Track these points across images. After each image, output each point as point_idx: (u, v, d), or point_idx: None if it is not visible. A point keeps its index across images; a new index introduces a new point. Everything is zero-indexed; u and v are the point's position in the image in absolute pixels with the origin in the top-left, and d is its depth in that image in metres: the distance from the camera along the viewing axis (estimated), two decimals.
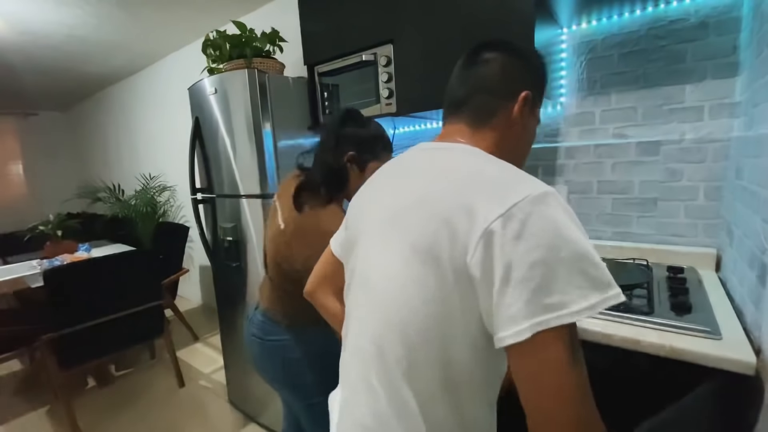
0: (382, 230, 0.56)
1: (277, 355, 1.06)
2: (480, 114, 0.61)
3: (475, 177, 0.50)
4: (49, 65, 3.31)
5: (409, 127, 1.86)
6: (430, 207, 0.49)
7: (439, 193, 0.50)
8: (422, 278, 0.48)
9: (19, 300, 2.10)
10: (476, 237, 0.43)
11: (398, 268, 0.51)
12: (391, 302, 0.51)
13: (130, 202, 3.66)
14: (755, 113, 0.93)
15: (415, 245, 0.49)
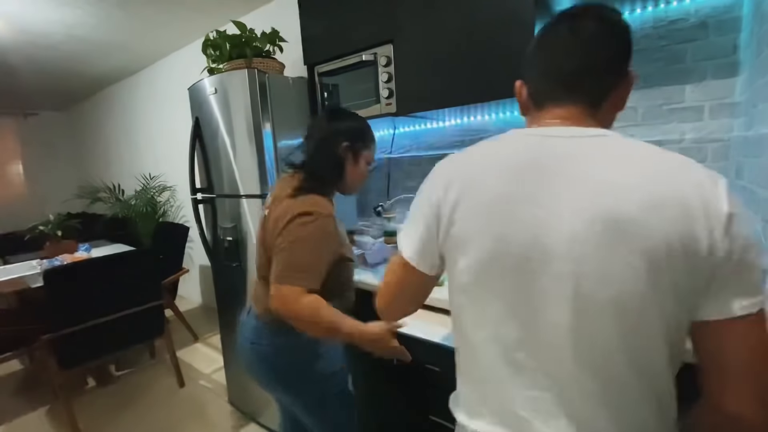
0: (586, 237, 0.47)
1: (271, 359, 1.04)
2: (594, 95, 0.55)
3: (671, 164, 0.47)
4: (49, 65, 3.31)
5: (409, 127, 1.86)
6: (644, 205, 0.45)
7: (651, 186, 0.46)
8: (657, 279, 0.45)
9: (19, 300, 2.10)
10: (718, 224, 0.44)
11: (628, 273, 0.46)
12: (620, 312, 0.47)
13: (130, 202, 3.66)
14: (755, 113, 0.93)
15: (647, 249, 0.45)
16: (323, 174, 1.02)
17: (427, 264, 0.64)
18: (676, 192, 0.45)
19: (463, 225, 0.57)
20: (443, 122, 1.75)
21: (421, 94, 1.39)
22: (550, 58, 0.56)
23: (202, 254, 2.23)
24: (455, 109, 1.42)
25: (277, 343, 1.03)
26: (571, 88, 0.55)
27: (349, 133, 1.05)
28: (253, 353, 1.06)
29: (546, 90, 0.58)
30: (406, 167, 1.93)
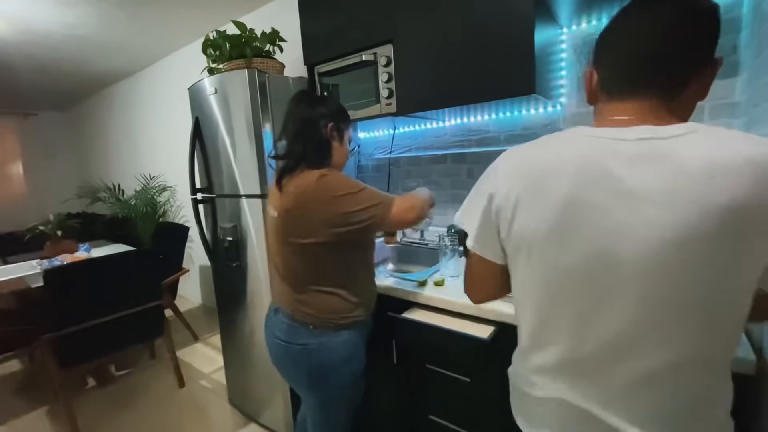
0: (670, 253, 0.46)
1: (304, 359, 1.05)
2: (675, 83, 0.51)
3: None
4: (49, 65, 3.31)
5: (409, 127, 1.86)
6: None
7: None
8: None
9: (19, 300, 2.10)
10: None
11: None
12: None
13: (130, 202, 3.66)
14: (755, 113, 0.93)
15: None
16: (312, 154, 1.04)
17: (489, 253, 0.64)
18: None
19: (525, 224, 0.56)
20: (443, 122, 1.75)
21: (421, 94, 1.39)
22: (627, 43, 0.53)
23: (202, 254, 2.23)
24: (455, 109, 1.42)
25: (311, 345, 1.04)
26: (650, 74, 0.52)
27: (333, 114, 1.08)
28: (286, 352, 1.08)
29: (622, 76, 0.54)
30: (406, 167, 1.93)
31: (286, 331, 1.07)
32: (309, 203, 0.97)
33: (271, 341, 1.13)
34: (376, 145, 2.03)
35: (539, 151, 0.58)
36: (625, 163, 0.48)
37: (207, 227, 1.89)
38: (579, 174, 0.51)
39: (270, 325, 1.15)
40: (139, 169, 3.89)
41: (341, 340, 1.05)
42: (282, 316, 1.10)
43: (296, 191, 0.99)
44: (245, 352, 1.83)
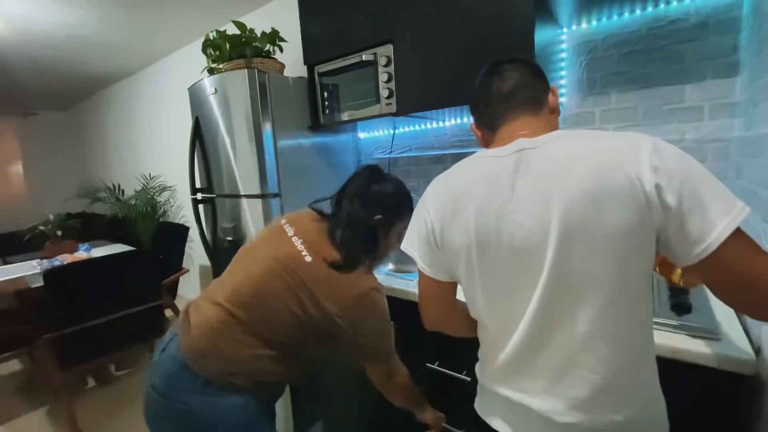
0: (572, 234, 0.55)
1: (183, 421, 0.82)
2: (533, 102, 0.68)
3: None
4: (49, 65, 3.31)
5: (409, 127, 1.86)
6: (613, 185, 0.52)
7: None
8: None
9: (19, 300, 2.10)
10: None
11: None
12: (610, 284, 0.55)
13: (130, 202, 3.66)
14: (755, 113, 0.93)
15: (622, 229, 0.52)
16: (366, 257, 0.92)
17: (440, 275, 0.73)
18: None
19: (453, 243, 0.66)
20: (443, 122, 1.75)
21: (421, 94, 1.39)
22: (489, 92, 0.71)
23: (202, 254, 2.23)
24: (455, 109, 1.42)
25: (194, 405, 0.81)
26: (511, 101, 0.68)
27: (386, 205, 0.95)
28: (160, 408, 0.83)
29: (494, 112, 0.70)
30: (406, 167, 1.93)
31: (171, 379, 0.83)
32: (338, 297, 0.85)
33: (147, 391, 0.86)
34: (376, 145, 2.03)
35: (451, 178, 0.70)
36: (509, 174, 0.60)
37: (207, 227, 1.89)
38: (480, 191, 0.63)
39: (158, 369, 0.86)
40: (139, 169, 3.89)
41: (234, 404, 0.82)
42: (170, 359, 0.85)
43: (338, 282, 0.86)
44: None
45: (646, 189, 0.50)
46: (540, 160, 0.58)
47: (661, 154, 0.51)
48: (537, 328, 0.59)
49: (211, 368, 0.82)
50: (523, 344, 0.61)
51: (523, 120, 0.67)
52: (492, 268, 0.63)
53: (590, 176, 0.53)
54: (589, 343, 0.56)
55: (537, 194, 0.57)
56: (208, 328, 0.85)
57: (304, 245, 0.89)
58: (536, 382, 0.61)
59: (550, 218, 0.55)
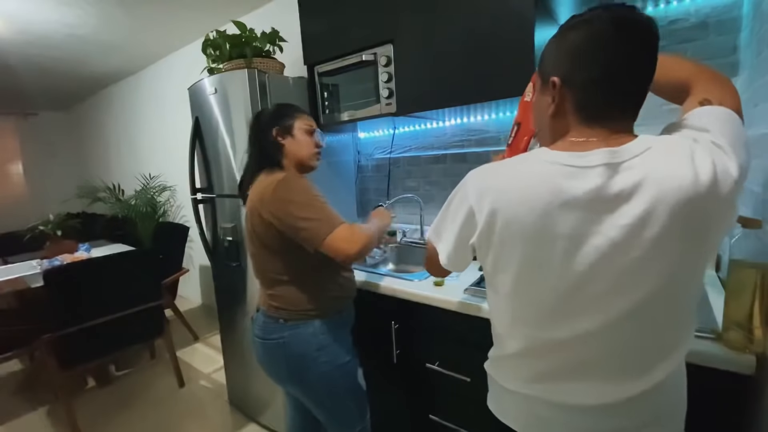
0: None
1: (280, 353, 1.07)
2: (637, 108, 0.57)
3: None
4: (49, 65, 3.31)
5: (409, 127, 1.86)
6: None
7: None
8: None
9: (19, 300, 2.10)
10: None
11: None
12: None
13: (130, 202, 3.66)
14: (755, 113, 0.93)
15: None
16: (265, 159, 1.10)
17: (460, 267, 0.71)
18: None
19: (502, 252, 0.59)
20: (443, 122, 1.75)
21: (421, 94, 1.39)
22: (614, 70, 0.53)
23: (202, 254, 2.23)
24: (455, 109, 1.42)
25: (285, 337, 1.06)
26: (625, 106, 0.55)
27: (273, 118, 1.12)
28: (263, 348, 1.11)
29: (601, 104, 0.55)
30: (406, 167, 1.93)
31: (262, 327, 1.10)
32: (267, 202, 1.00)
33: (252, 340, 1.16)
34: (376, 145, 2.03)
35: (508, 179, 0.58)
36: (591, 191, 0.51)
37: (207, 227, 1.89)
38: (547, 204, 0.53)
39: (253, 325, 1.17)
40: (139, 169, 3.89)
41: (312, 330, 1.06)
42: (260, 314, 1.13)
43: (259, 191, 1.04)
44: (245, 352, 1.83)
45: None
46: (635, 178, 0.50)
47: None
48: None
49: (279, 312, 1.07)
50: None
51: (623, 126, 0.56)
52: (549, 285, 0.56)
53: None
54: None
55: (633, 216, 0.50)
56: (261, 293, 1.15)
57: (246, 207, 1.11)
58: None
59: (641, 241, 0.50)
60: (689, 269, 0.53)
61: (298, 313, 1.06)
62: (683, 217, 0.49)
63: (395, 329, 1.29)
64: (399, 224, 1.92)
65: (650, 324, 0.54)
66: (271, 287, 1.09)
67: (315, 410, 1.14)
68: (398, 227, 1.87)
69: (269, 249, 1.05)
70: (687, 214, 0.49)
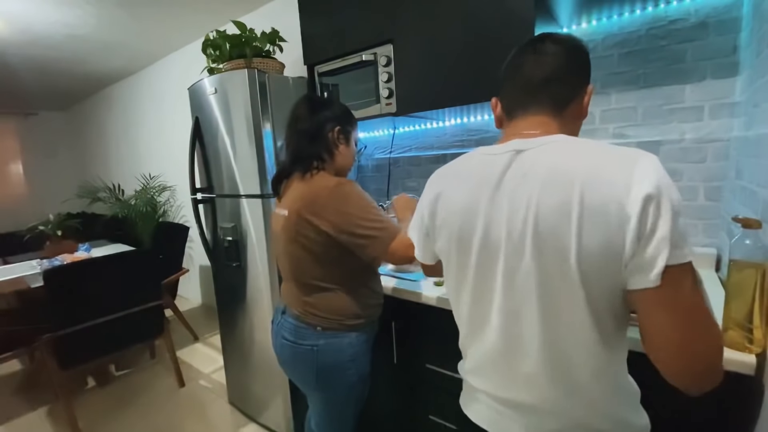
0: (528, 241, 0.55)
1: (311, 359, 1.05)
2: (557, 101, 0.62)
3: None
4: (49, 65, 3.31)
5: (409, 127, 1.86)
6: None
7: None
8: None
9: (19, 300, 2.10)
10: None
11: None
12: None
13: (130, 202, 3.66)
14: (755, 113, 0.93)
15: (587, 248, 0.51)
16: (318, 159, 1.04)
17: (428, 258, 0.80)
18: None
19: (441, 235, 0.69)
20: (443, 122, 1.75)
21: (421, 94, 1.39)
22: (520, 73, 0.65)
23: (202, 254, 2.23)
24: (455, 109, 1.42)
25: (319, 345, 1.05)
26: (537, 94, 0.63)
27: (338, 118, 1.08)
28: (294, 352, 1.08)
29: (517, 99, 0.66)
30: (406, 167, 1.93)
31: (294, 331, 1.08)
32: (322, 208, 0.96)
33: (278, 342, 1.13)
34: (376, 145, 2.03)
35: (448, 172, 0.71)
36: (498, 174, 0.59)
37: (207, 227, 1.89)
38: (469, 188, 0.63)
39: (277, 326, 1.14)
40: (139, 169, 3.89)
41: (348, 341, 1.06)
42: (289, 317, 1.10)
43: (311, 194, 0.99)
44: (245, 352, 1.83)
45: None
46: (529, 163, 0.57)
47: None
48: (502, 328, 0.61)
49: (316, 320, 1.05)
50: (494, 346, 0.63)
51: (541, 118, 0.62)
52: (469, 264, 0.63)
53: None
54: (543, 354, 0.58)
55: (518, 197, 0.56)
56: (293, 297, 1.10)
57: (285, 207, 1.05)
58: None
59: (526, 224, 0.54)
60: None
61: (338, 323, 1.05)
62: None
63: (395, 329, 1.29)
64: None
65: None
66: (308, 293, 1.06)
67: (321, 410, 1.14)
68: None
69: (314, 255, 1.01)
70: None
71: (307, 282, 1.05)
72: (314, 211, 0.97)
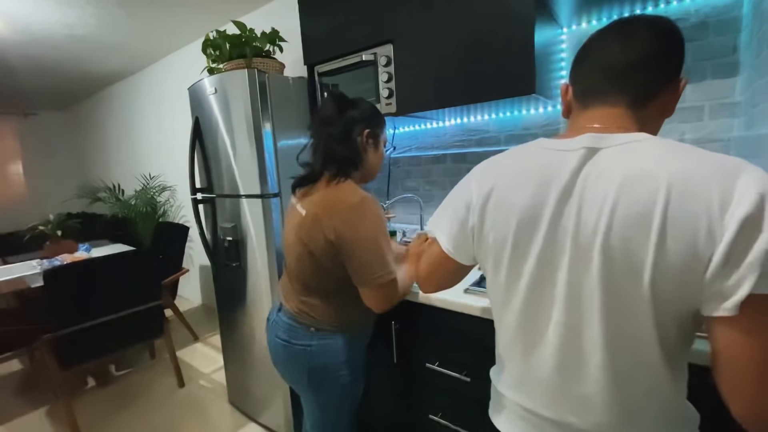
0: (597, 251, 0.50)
1: (304, 359, 1.05)
2: (641, 93, 0.54)
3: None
4: (49, 65, 3.31)
5: (409, 127, 1.86)
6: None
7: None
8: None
9: (19, 300, 2.10)
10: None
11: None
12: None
13: (130, 202, 3.66)
14: (755, 113, 0.93)
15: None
16: (345, 164, 1.01)
17: (467, 259, 0.70)
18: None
19: (490, 236, 0.61)
20: (443, 122, 1.75)
21: (421, 94, 1.39)
22: (601, 55, 0.57)
23: (202, 254, 2.23)
24: (455, 109, 1.42)
25: (313, 345, 1.05)
26: (620, 81, 0.55)
27: (367, 119, 1.04)
28: (287, 352, 1.08)
29: (594, 85, 0.58)
30: (406, 167, 1.93)
31: (288, 330, 1.08)
32: (337, 217, 0.94)
33: (272, 340, 1.13)
34: None
35: (501, 165, 0.63)
36: (571, 173, 0.52)
37: (207, 227, 1.89)
38: (535, 186, 0.55)
39: (272, 324, 1.15)
40: (139, 169, 3.89)
41: (342, 343, 1.06)
42: (284, 315, 1.11)
43: (333, 203, 0.96)
44: (245, 352, 1.83)
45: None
46: (605, 164, 0.50)
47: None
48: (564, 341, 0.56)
49: (311, 321, 1.05)
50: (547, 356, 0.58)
51: (619, 110, 0.55)
52: (523, 271, 0.58)
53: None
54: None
55: (591, 202, 0.50)
56: (291, 293, 1.10)
57: (304, 207, 1.01)
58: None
59: (596, 233, 0.49)
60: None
61: (330, 325, 1.05)
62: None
63: (395, 329, 1.29)
64: (399, 224, 1.92)
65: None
66: (306, 294, 1.06)
67: (314, 413, 1.14)
68: (398, 227, 1.87)
69: (316, 259, 0.99)
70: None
71: (307, 282, 1.05)
72: (329, 218, 0.94)
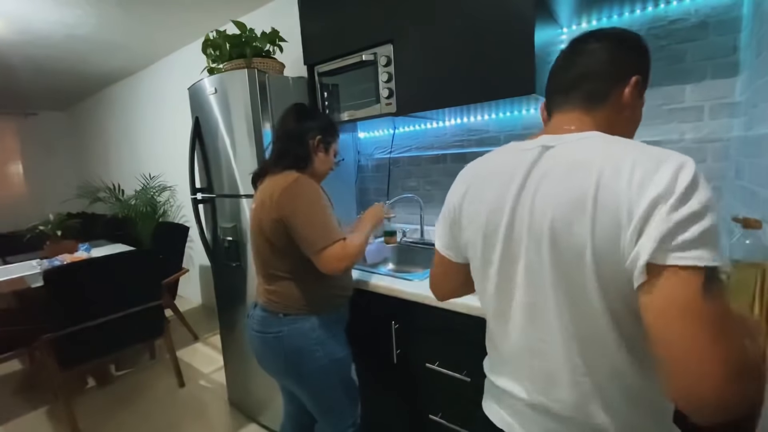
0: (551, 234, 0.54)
1: (278, 346, 1.10)
2: (592, 96, 0.61)
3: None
4: (49, 65, 3.31)
5: (409, 127, 1.86)
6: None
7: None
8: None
9: (19, 300, 2.10)
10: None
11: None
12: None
13: (130, 202, 3.66)
14: (755, 113, 0.93)
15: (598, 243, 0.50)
16: (293, 159, 1.12)
17: (459, 257, 0.74)
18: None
19: (468, 231, 0.67)
20: (443, 122, 1.75)
21: (421, 94, 1.39)
22: (558, 74, 0.66)
23: (202, 254, 2.23)
24: (455, 109, 1.42)
25: (284, 331, 1.09)
26: (569, 91, 0.62)
27: (321, 128, 1.17)
28: (261, 342, 1.13)
29: (552, 99, 0.66)
30: (406, 167, 1.93)
31: (261, 321, 1.13)
32: (279, 196, 1.03)
33: (249, 334, 1.18)
34: (376, 145, 2.03)
35: (478, 168, 0.69)
36: (525, 169, 0.58)
37: (207, 227, 1.89)
38: (498, 183, 0.62)
39: (249, 320, 1.19)
40: (139, 169, 3.89)
41: (310, 325, 1.10)
42: (258, 309, 1.16)
43: (271, 188, 1.07)
44: (245, 352, 1.83)
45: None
46: (554, 160, 0.56)
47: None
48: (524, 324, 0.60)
49: (279, 307, 1.10)
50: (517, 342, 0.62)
51: (575, 115, 0.61)
52: (493, 260, 0.63)
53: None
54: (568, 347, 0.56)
55: (541, 193, 0.55)
56: (260, 289, 1.17)
57: (256, 197, 1.13)
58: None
59: (543, 219, 0.54)
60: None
61: (297, 309, 1.09)
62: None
63: (395, 329, 1.29)
64: (399, 224, 1.92)
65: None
66: (271, 283, 1.12)
67: (309, 403, 1.17)
68: (398, 227, 1.87)
69: (273, 245, 1.08)
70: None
71: (268, 272, 1.12)
72: (272, 199, 1.04)
